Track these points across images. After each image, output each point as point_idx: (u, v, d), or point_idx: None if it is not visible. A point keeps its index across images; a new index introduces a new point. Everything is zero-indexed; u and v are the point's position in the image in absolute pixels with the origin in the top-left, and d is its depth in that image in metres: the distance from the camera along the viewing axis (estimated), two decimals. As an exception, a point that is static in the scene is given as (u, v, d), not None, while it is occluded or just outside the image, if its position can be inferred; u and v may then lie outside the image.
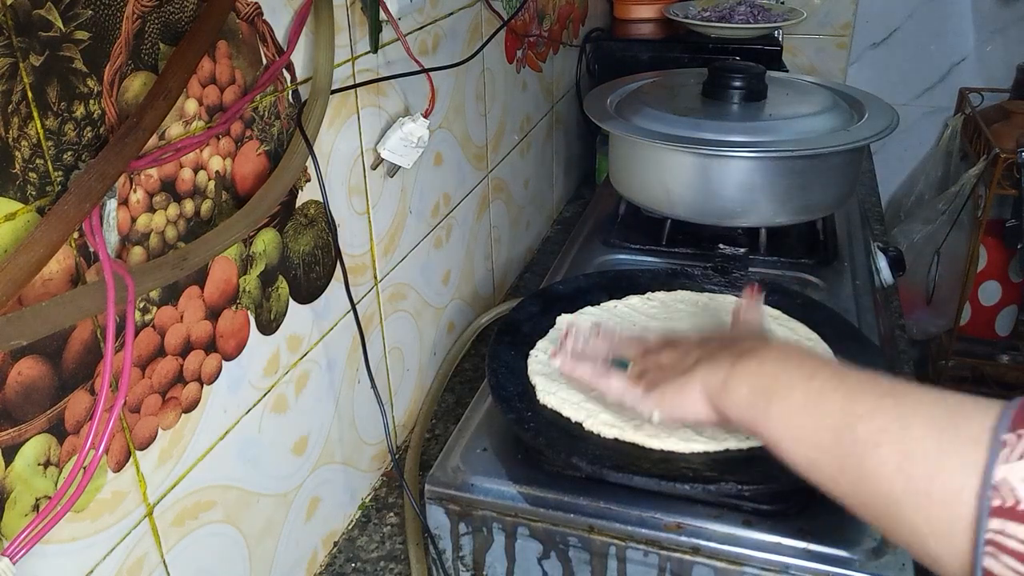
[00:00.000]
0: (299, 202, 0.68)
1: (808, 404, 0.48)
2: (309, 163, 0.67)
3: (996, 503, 0.37)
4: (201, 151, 0.56)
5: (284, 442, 0.71)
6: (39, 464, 0.46)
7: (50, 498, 0.47)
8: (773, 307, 0.83)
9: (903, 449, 0.42)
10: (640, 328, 0.72)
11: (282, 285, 0.67)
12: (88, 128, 0.47)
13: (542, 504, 0.66)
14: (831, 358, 0.51)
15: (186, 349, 0.57)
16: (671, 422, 0.59)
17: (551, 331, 0.81)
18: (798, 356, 0.53)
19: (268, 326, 0.66)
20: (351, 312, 0.74)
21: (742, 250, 1.01)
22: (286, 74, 0.65)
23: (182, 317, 0.57)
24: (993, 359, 2.03)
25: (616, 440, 0.66)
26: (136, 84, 0.50)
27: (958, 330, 1.97)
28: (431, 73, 0.83)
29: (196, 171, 0.56)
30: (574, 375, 0.67)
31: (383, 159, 0.80)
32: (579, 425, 0.68)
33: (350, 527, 0.83)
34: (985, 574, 0.38)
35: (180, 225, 0.55)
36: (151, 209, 0.53)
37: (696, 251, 1.02)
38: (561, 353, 0.68)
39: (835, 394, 0.47)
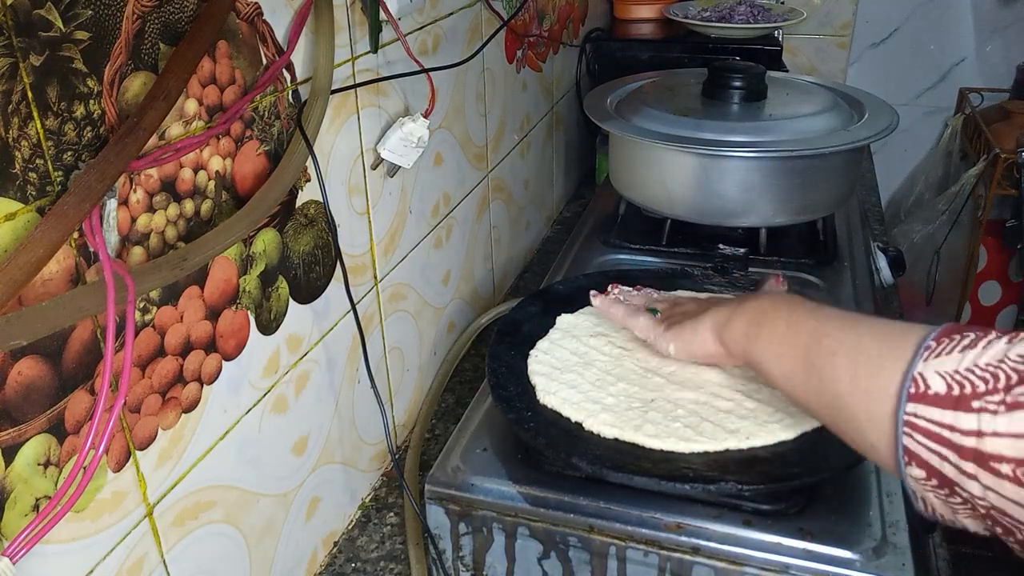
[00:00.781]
0: (299, 202, 0.68)
1: (789, 330, 0.57)
2: (309, 163, 0.67)
3: (912, 390, 0.45)
4: (201, 151, 0.56)
5: (284, 442, 0.71)
6: (39, 464, 0.46)
7: (50, 498, 0.47)
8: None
9: (853, 356, 0.50)
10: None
11: (282, 285, 0.68)
12: (88, 128, 0.47)
13: (542, 504, 0.66)
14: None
15: (186, 349, 0.57)
16: (684, 355, 0.69)
17: (551, 331, 0.81)
18: (789, 297, 0.63)
19: (268, 326, 0.66)
20: (351, 312, 0.74)
21: (742, 250, 1.01)
22: (286, 74, 0.65)
23: (182, 317, 0.57)
24: (993, 359, 2.02)
25: (616, 440, 0.66)
26: (136, 84, 0.50)
27: (958, 330, 1.96)
28: (431, 73, 0.83)
29: (196, 171, 0.56)
30: (608, 312, 0.78)
31: (383, 159, 0.80)
32: (579, 425, 0.68)
33: (350, 527, 0.83)
34: (904, 452, 0.45)
35: (180, 225, 0.55)
36: (151, 209, 0.53)
37: (696, 251, 1.02)
38: (601, 296, 0.79)
39: (809, 320, 0.56)
